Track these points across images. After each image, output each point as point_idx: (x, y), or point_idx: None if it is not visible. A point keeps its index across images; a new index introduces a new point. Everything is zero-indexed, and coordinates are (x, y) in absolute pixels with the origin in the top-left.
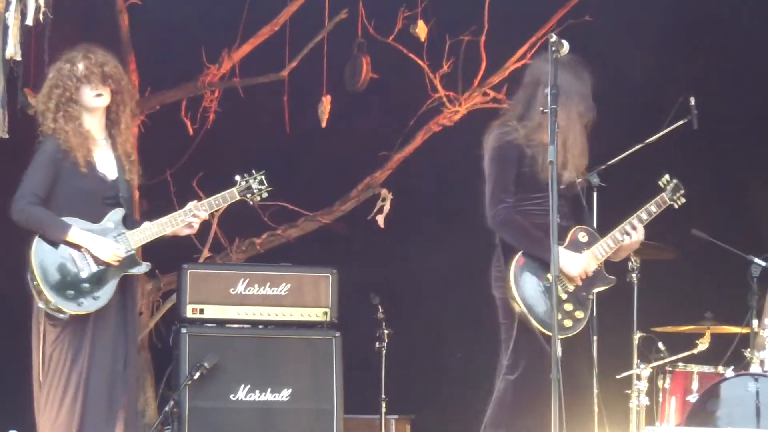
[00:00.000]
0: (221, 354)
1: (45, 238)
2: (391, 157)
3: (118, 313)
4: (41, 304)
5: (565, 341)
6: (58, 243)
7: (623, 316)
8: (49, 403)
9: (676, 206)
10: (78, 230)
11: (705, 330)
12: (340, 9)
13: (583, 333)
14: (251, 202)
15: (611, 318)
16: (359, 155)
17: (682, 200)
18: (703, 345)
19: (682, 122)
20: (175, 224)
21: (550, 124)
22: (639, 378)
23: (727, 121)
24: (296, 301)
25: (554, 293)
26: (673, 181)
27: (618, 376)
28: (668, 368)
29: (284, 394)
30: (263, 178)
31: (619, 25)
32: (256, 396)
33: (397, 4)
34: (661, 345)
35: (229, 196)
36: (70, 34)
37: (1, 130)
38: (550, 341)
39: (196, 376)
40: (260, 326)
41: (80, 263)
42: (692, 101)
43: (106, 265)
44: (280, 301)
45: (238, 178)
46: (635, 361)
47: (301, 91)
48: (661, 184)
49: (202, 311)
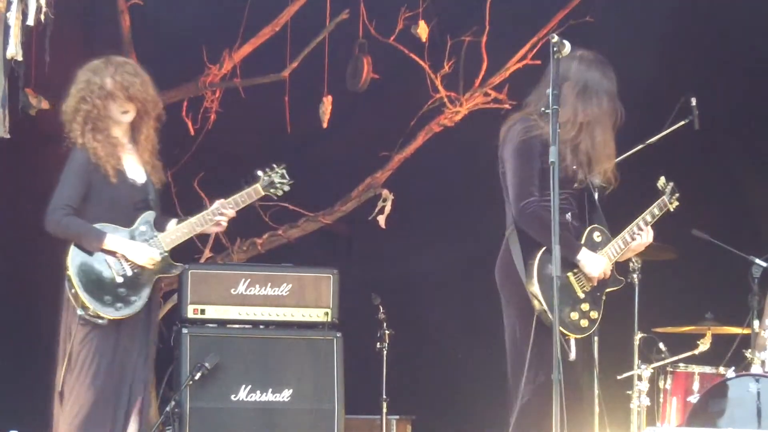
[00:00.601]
0: (222, 354)
1: (81, 246)
2: (392, 157)
3: (145, 315)
4: (80, 311)
5: (578, 342)
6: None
7: (624, 316)
8: (71, 400)
9: (671, 209)
10: (113, 237)
11: (706, 331)
12: (341, 9)
13: None
14: (275, 197)
15: (612, 318)
16: (360, 155)
17: (676, 203)
18: (704, 346)
19: (683, 123)
20: (205, 223)
21: (551, 125)
22: (640, 378)
23: (727, 121)
24: (297, 301)
25: (555, 293)
26: (670, 184)
27: (619, 377)
28: (669, 369)
29: (285, 395)
30: (284, 171)
31: (620, 25)
32: (257, 396)
33: (399, 5)
34: (662, 345)
35: (254, 192)
36: (72, 34)
37: (2, 130)
38: (568, 341)
39: (197, 376)
40: (261, 326)
41: (116, 268)
42: (693, 102)
43: (141, 269)
44: (281, 301)
45: (260, 173)
46: (636, 361)
47: (302, 92)
48: (659, 186)
49: (203, 311)
